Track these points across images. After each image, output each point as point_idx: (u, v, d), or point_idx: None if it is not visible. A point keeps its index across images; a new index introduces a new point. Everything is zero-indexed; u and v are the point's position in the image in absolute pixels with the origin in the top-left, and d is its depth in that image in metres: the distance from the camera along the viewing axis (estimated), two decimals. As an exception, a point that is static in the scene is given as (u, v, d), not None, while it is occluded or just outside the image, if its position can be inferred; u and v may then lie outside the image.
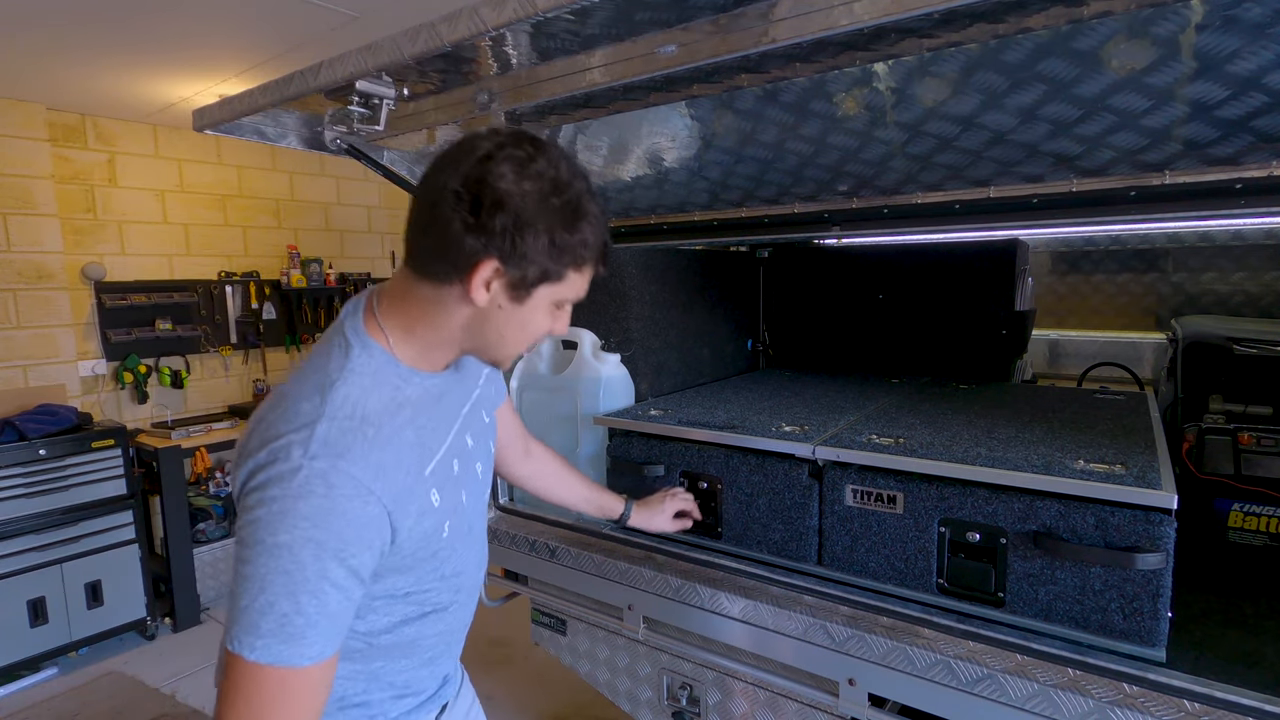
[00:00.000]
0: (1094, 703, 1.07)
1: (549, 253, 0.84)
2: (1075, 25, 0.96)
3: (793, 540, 1.47)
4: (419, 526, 0.88)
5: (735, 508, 1.55)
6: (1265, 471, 1.52)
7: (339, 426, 0.80)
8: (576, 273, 0.89)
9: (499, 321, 0.88)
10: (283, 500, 0.76)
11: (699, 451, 1.60)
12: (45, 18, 2.45)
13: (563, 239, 0.84)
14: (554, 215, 0.83)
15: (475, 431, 1.05)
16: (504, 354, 0.94)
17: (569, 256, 0.86)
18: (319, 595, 0.76)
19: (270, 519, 0.75)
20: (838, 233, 1.78)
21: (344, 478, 0.78)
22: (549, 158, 0.84)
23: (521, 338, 0.92)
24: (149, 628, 3.55)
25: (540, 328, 0.92)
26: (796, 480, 1.45)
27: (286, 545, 0.75)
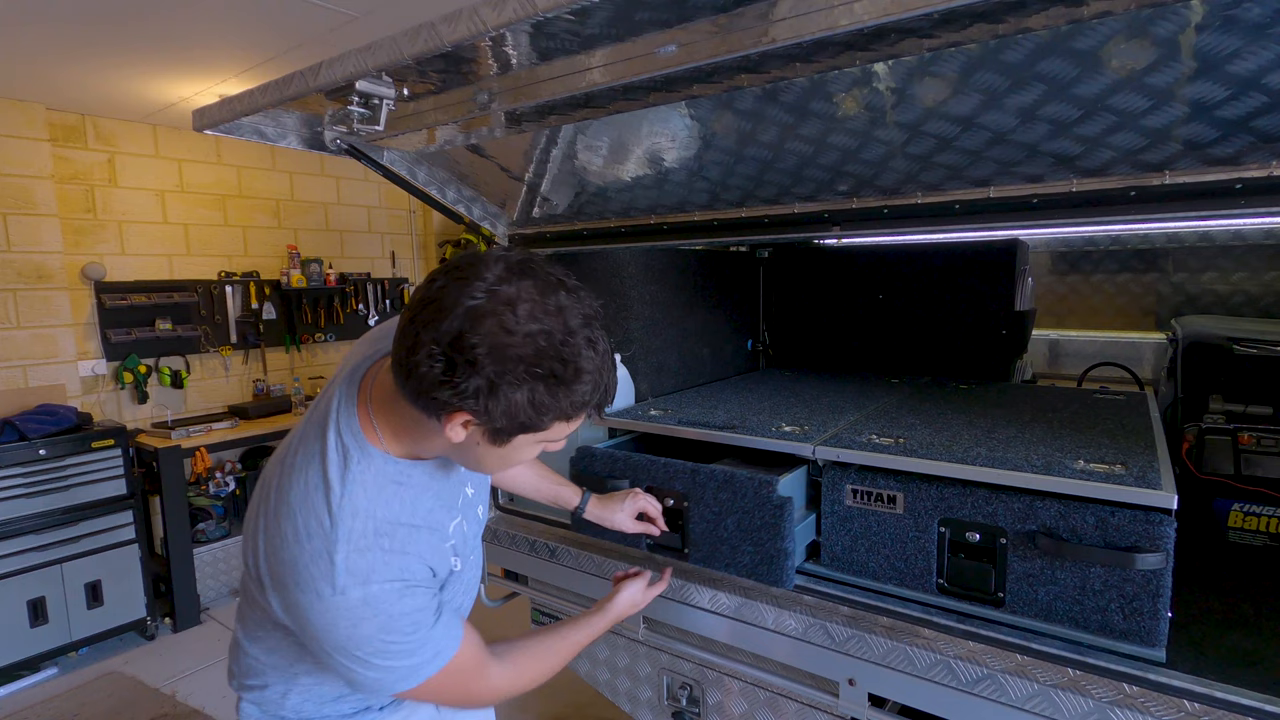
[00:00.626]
0: (1094, 703, 1.07)
1: (527, 412, 0.80)
2: (1075, 25, 0.95)
3: (763, 563, 1.39)
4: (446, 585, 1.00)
5: (702, 527, 1.47)
6: (1265, 471, 1.52)
7: (355, 548, 0.85)
8: (565, 423, 0.85)
9: (479, 454, 0.88)
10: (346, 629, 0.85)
11: (664, 467, 1.52)
12: (45, 18, 2.45)
13: (545, 400, 0.79)
14: (537, 378, 0.78)
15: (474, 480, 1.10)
16: (489, 474, 1.02)
17: (552, 414, 0.82)
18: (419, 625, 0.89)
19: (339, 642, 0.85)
20: (838, 233, 1.78)
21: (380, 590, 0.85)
22: (548, 309, 0.78)
23: (505, 466, 0.93)
24: (149, 628, 3.55)
25: (524, 457, 0.92)
26: (766, 499, 1.36)
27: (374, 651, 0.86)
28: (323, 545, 0.84)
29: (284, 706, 1.05)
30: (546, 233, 2.14)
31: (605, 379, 0.85)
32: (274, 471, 0.94)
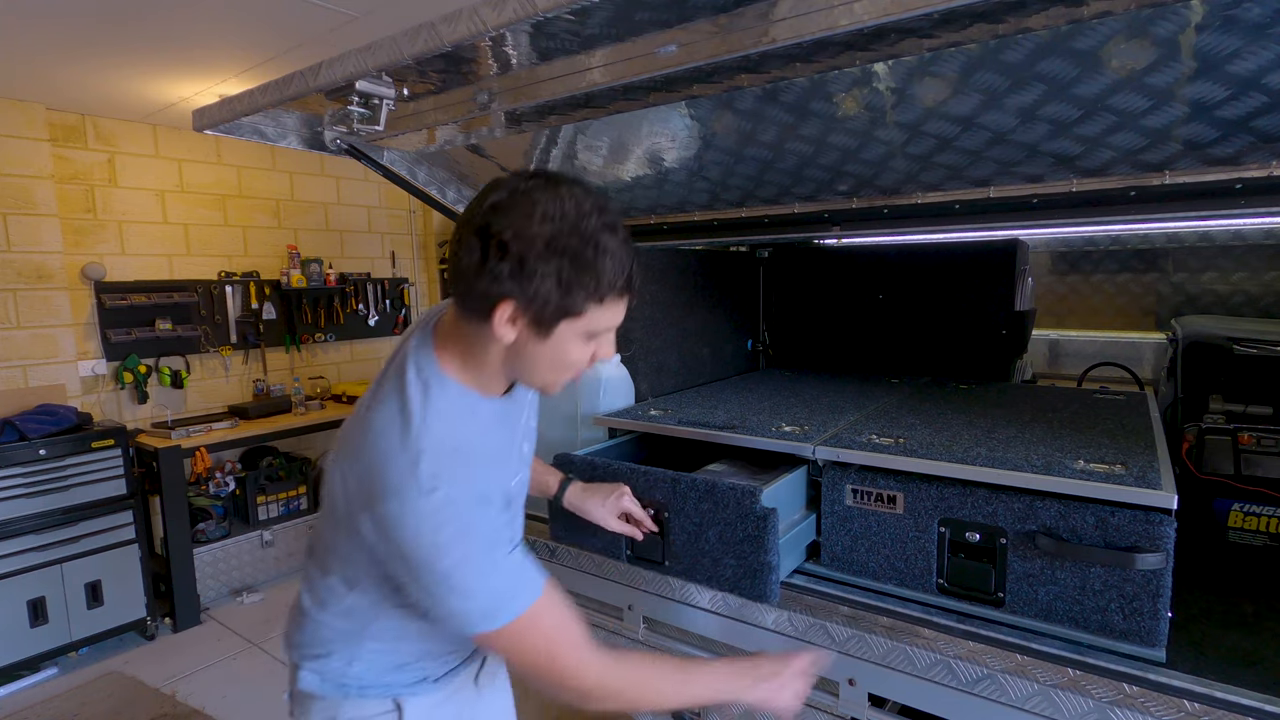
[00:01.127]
0: (1094, 703, 1.07)
1: (558, 291, 0.87)
2: (1075, 25, 0.95)
3: (746, 577, 1.33)
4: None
5: (683, 538, 1.41)
6: (1265, 471, 1.52)
7: (436, 457, 0.90)
8: (598, 305, 0.91)
9: (530, 355, 0.94)
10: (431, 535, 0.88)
11: (644, 475, 1.46)
12: (45, 18, 2.45)
13: (572, 277, 0.87)
14: (562, 255, 0.86)
15: (528, 438, 1.15)
16: (543, 383, 1.00)
17: (581, 293, 0.88)
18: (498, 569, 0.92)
19: (426, 555, 0.88)
20: (838, 233, 1.78)
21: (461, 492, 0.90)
22: (562, 198, 0.87)
23: (556, 369, 0.97)
24: (149, 628, 3.55)
25: (575, 358, 0.96)
26: (749, 511, 1.31)
27: (456, 563, 0.89)
28: (408, 457, 0.90)
29: (346, 675, 1.07)
30: (546, 233, 2.13)
31: (627, 261, 0.91)
32: (355, 417, 1.00)
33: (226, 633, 3.61)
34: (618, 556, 1.51)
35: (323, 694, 1.08)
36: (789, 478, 1.45)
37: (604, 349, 0.99)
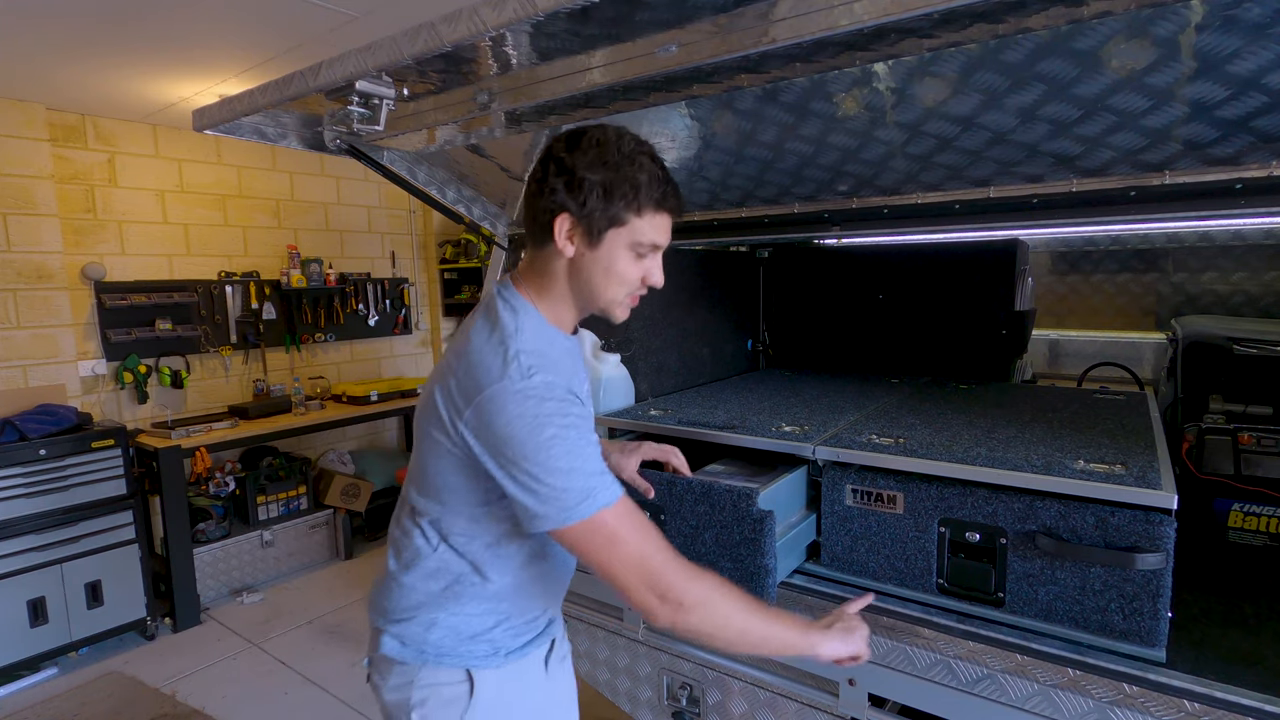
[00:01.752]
0: (1094, 703, 1.07)
1: (604, 199, 1.01)
2: (1075, 25, 0.95)
3: (742, 580, 1.32)
4: None
5: (679, 541, 1.39)
6: (1265, 471, 1.52)
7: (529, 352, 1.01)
8: (638, 216, 1.03)
9: (587, 268, 1.06)
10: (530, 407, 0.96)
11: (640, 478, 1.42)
12: (45, 18, 2.45)
13: (614, 185, 1.01)
14: (605, 168, 1.01)
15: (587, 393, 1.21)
16: (603, 300, 1.09)
17: (622, 200, 1.02)
18: (587, 455, 0.98)
19: (527, 426, 0.95)
20: (838, 233, 1.78)
21: (554, 381, 0.99)
22: (604, 130, 1.04)
23: (610, 281, 1.07)
24: (149, 628, 3.55)
25: (626, 272, 1.07)
26: (745, 514, 1.30)
27: (556, 435, 0.96)
28: (507, 353, 1.00)
29: (425, 641, 1.11)
30: (546, 233, 2.14)
31: (664, 181, 1.04)
32: (452, 345, 1.11)
33: (226, 633, 3.61)
34: None
35: (402, 659, 1.13)
36: (789, 478, 1.45)
37: (654, 272, 1.10)
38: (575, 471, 0.96)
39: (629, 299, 1.13)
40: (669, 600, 0.97)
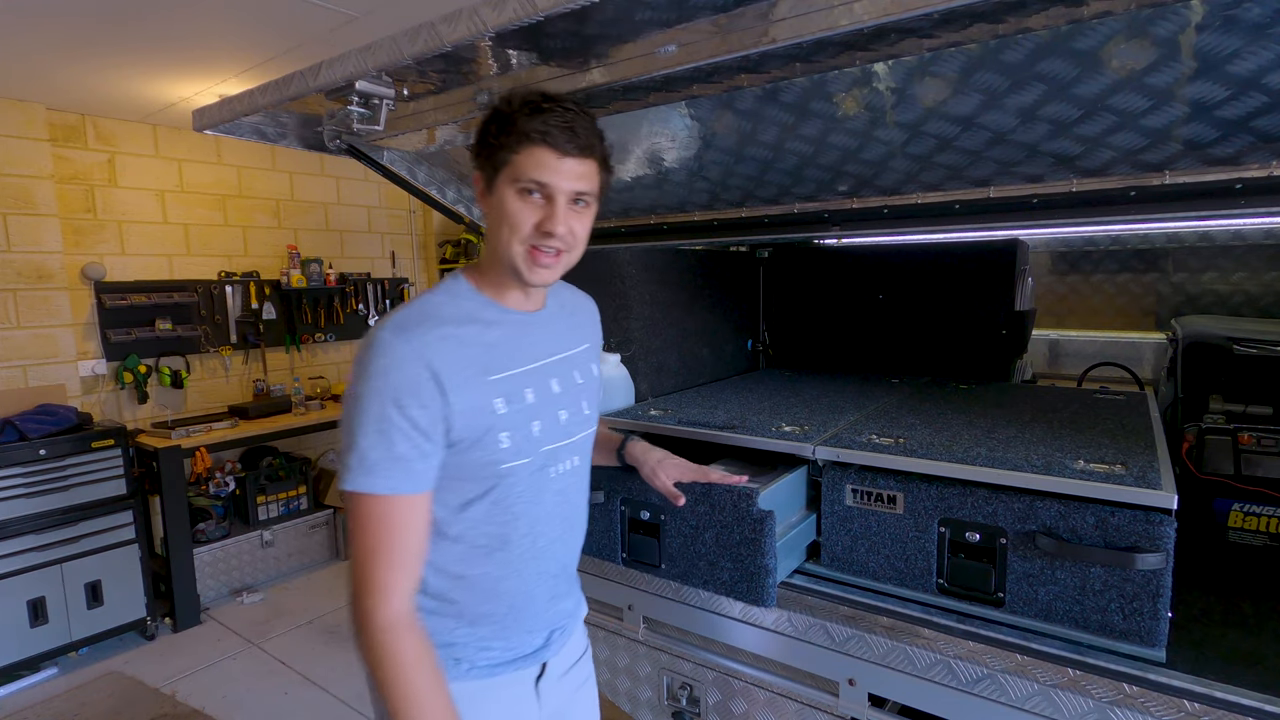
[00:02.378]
0: (1094, 703, 1.07)
1: (492, 139, 1.02)
2: (1075, 25, 0.96)
3: (742, 580, 1.33)
4: (477, 419, 1.01)
5: (679, 541, 1.40)
6: (1265, 471, 1.52)
7: (409, 315, 1.01)
8: (515, 154, 1.00)
9: (489, 218, 1.06)
10: (360, 362, 0.97)
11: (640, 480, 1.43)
12: (45, 18, 2.45)
13: (499, 124, 1.01)
14: (494, 117, 1.03)
15: (565, 383, 1.16)
16: (503, 253, 1.05)
17: (502, 137, 1.01)
18: (384, 434, 0.95)
19: (352, 378, 0.98)
20: (838, 233, 1.78)
21: (400, 344, 0.96)
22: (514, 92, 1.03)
23: (502, 227, 1.04)
24: (149, 628, 3.55)
25: (515, 214, 1.02)
26: (746, 513, 1.30)
27: (360, 394, 0.96)
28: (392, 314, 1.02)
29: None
30: (546, 233, 2.13)
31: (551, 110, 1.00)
32: None
33: (226, 633, 3.62)
34: (613, 559, 1.51)
35: None
36: (789, 478, 1.45)
37: (546, 218, 1.02)
38: (358, 438, 0.95)
39: (531, 251, 1.04)
40: (364, 616, 0.96)
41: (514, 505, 1.09)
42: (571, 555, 1.25)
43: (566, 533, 1.20)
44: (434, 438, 0.98)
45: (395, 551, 0.97)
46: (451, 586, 1.08)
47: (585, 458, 1.24)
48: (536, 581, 1.15)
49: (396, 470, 0.96)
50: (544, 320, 1.16)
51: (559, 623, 1.22)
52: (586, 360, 1.25)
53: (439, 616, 1.08)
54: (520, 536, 1.10)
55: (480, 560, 1.09)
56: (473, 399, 1.01)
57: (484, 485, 1.06)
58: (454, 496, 1.05)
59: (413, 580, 1.00)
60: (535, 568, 1.14)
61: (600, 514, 1.51)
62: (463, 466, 1.03)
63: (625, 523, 1.49)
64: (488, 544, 1.08)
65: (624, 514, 1.50)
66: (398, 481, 0.96)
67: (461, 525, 1.06)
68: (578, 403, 1.19)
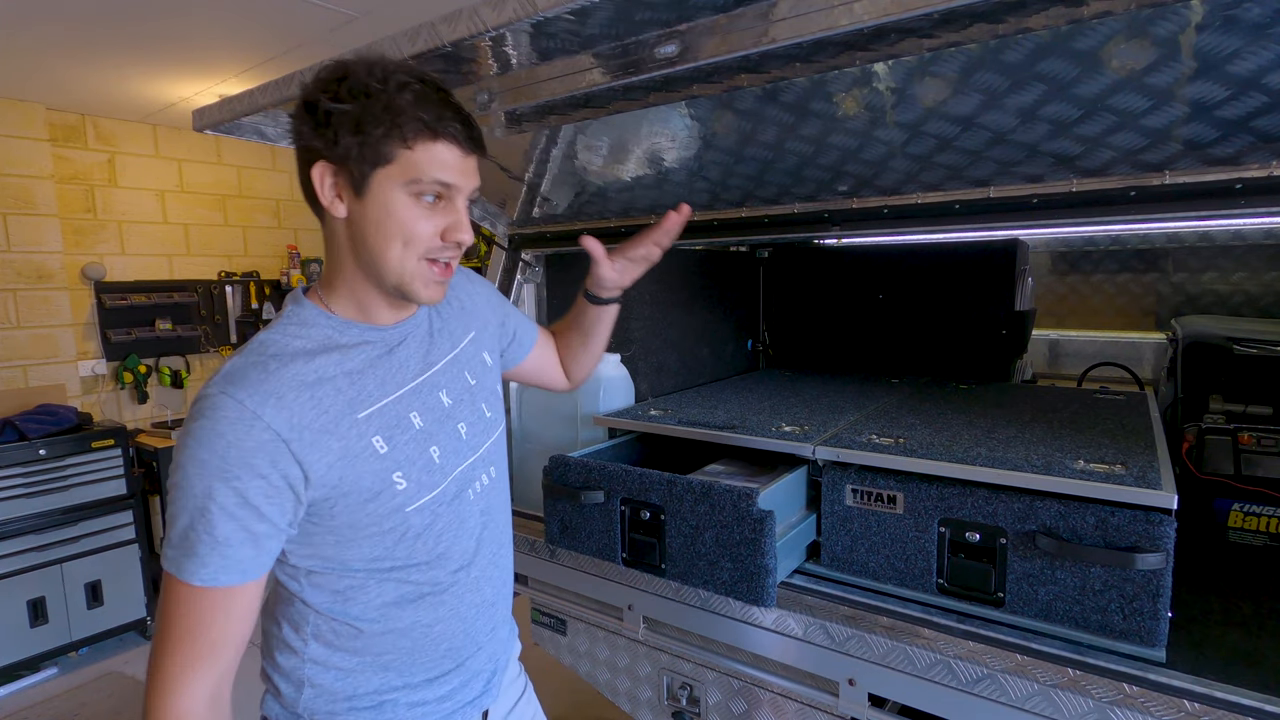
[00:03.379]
0: (1094, 703, 1.07)
1: (356, 130, 0.83)
2: (1075, 25, 0.95)
3: (742, 580, 1.32)
4: (352, 469, 0.87)
5: (679, 541, 1.40)
6: (1265, 471, 1.52)
7: (245, 361, 0.85)
8: (408, 149, 0.84)
9: (361, 226, 0.87)
10: (185, 425, 0.82)
11: (640, 478, 1.45)
12: (45, 18, 2.45)
13: (370, 115, 0.82)
14: (358, 100, 0.83)
15: (457, 390, 1.02)
16: (388, 267, 0.88)
17: (380, 130, 0.83)
18: (205, 515, 0.79)
19: (177, 445, 0.83)
20: (838, 233, 1.78)
21: (229, 402, 0.80)
22: (362, 64, 0.85)
23: (388, 239, 0.87)
24: (149, 628, 3.55)
25: (404, 217, 0.86)
26: (746, 513, 1.30)
27: (181, 464, 0.81)
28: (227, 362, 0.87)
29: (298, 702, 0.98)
30: (546, 233, 2.14)
31: (442, 101, 0.86)
32: None
33: (226, 633, 3.61)
34: (613, 559, 1.51)
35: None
36: (789, 478, 1.45)
37: (454, 225, 0.89)
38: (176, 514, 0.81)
39: (428, 265, 0.89)
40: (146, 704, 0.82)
41: (437, 544, 0.96)
42: (505, 575, 1.14)
43: (497, 552, 1.10)
44: (273, 516, 0.83)
45: (196, 646, 0.82)
46: (374, 641, 0.96)
47: (499, 467, 1.11)
48: (475, 615, 1.05)
49: (214, 558, 0.80)
50: (414, 326, 1.00)
51: (498, 659, 1.13)
52: (476, 351, 1.09)
53: (360, 674, 0.96)
54: (453, 573, 0.99)
55: (409, 608, 0.96)
56: (339, 448, 0.85)
57: (396, 535, 0.92)
58: (358, 551, 0.91)
59: (213, 675, 0.84)
60: (473, 600, 1.04)
61: (600, 514, 1.51)
62: (359, 524, 0.89)
63: (625, 523, 1.49)
64: (416, 590, 0.96)
65: (624, 514, 1.49)
66: (214, 571, 0.80)
67: (382, 578, 0.94)
68: (475, 408, 1.05)
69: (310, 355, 0.88)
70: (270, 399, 0.82)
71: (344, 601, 0.93)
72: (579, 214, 2.05)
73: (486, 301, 1.19)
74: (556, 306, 2.20)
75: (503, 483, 1.13)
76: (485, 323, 1.16)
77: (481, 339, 1.13)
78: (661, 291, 2.11)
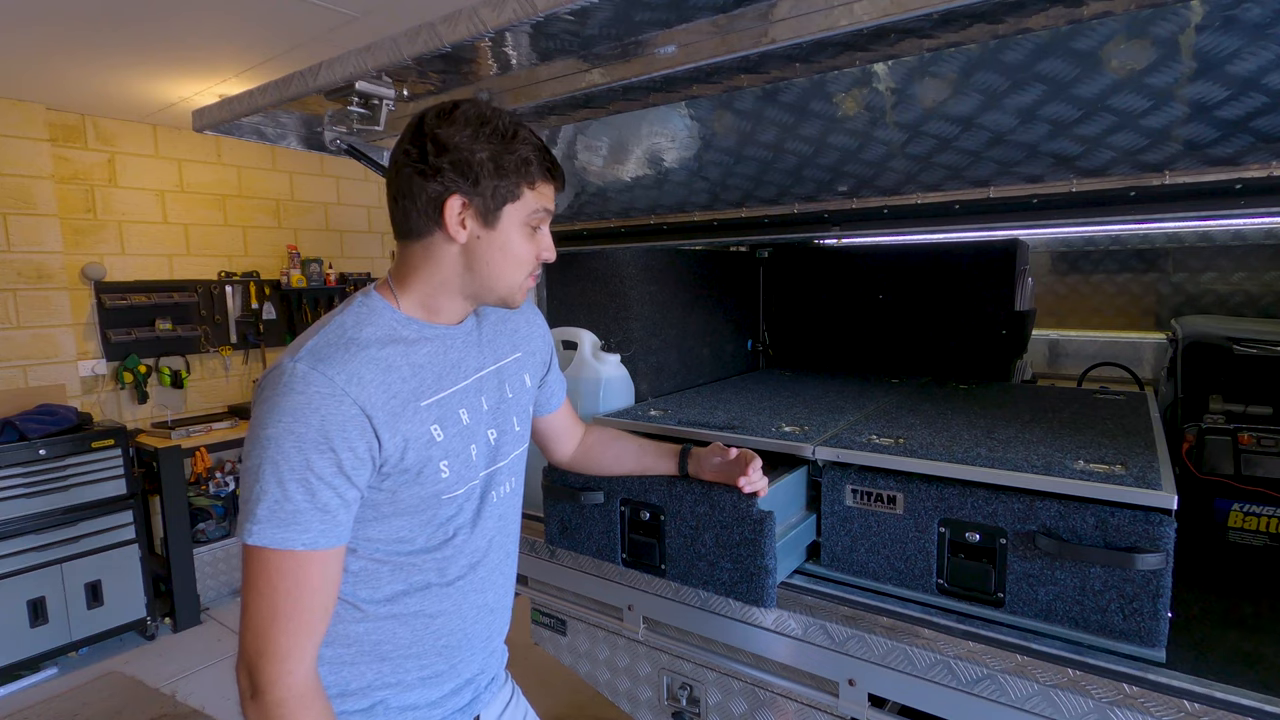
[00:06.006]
0: (1094, 703, 1.07)
1: (497, 174, 0.95)
2: (1075, 25, 0.96)
3: (742, 581, 1.33)
4: (413, 449, 0.94)
5: (679, 541, 1.40)
6: (1265, 471, 1.52)
7: (325, 341, 0.91)
8: (530, 189, 0.98)
9: (483, 252, 0.98)
10: (271, 399, 0.86)
11: (639, 479, 1.45)
12: (46, 18, 2.45)
13: (503, 159, 0.95)
14: (488, 141, 0.95)
15: (494, 399, 1.09)
16: (503, 285, 1.01)
17: (515, 173, 0.96)
18: (305, 484, 0.85)
19: (260, 416, 0.86)
20: (838, 233, 1.78)
21: (320, 378, 0.87)
22: (473, 104, 0.97)
23: (509, 262, 1.00)
24: (149, 628, 3.55)
25: (522, 249, 1.00)
26: (746, 514, 1.30)
27: (273, 438, 0.85)
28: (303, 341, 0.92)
29: None
30: (546, 233, 2.13)
31: (546, 149, 1.00)
32: None
33: (226, 633, 3.62)
34: (613, 560, 1.51)
35: None
36: (789, 478, 1.45)
37: (546, 248, 1.03)
38: (261, 487, 0.84)
39: (529, 279, 1.04)
40: (256, 679, 0.85)
41: (456, 536, 1.02)
42: (507, 585, 1.18)
43: (504, 560, 1.15)
44: (359, 484, 0.90)
45: (304, 614, 0.86)
46: (374, 627, 0.99)
47: (520, 480, 1.18)
48: (476, 617, 1.08)
49: (315, 523, 0.86)
50: (466, 332, 1.08)
51: (490, 670, 1.16)
52: (518, 371, 1.16)
53: (354, 666, 0.99)
54: (462, 569, 1.04)
55: (416, 597, 1.00)
56: (408, 430, 0.93)
57: (423, 518, 0.98)
58: (387, 529, 0.96)
59: (317, 645, 0.89)
60: (476, 601, 1.08)
61: (600, 514, 1.51)
62: (399, 502, 0.95)
63: (625, 523, 1.49)
64: (425, 579, 1.01)
65: (624, 514, 1.49)
66: (316, 535, 0.86)
67: (396, 562, 0.98)
68: (508, 419, 1.12)
69: (380, 344, 0.95)
70: (354, 378, 0.89)
71: (353, 583, 0.97)
72: (579, 214, 2.05)
73: (542, 337, 1.27)
74: (556, 306, 2.20)
75: (518, 499, 1.18)
76: (534, 351, 1.22)
77: (525, 361, 1.19)
78: (661, 291, 2.11)
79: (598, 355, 1.93)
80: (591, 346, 1.94)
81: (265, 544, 0.85)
